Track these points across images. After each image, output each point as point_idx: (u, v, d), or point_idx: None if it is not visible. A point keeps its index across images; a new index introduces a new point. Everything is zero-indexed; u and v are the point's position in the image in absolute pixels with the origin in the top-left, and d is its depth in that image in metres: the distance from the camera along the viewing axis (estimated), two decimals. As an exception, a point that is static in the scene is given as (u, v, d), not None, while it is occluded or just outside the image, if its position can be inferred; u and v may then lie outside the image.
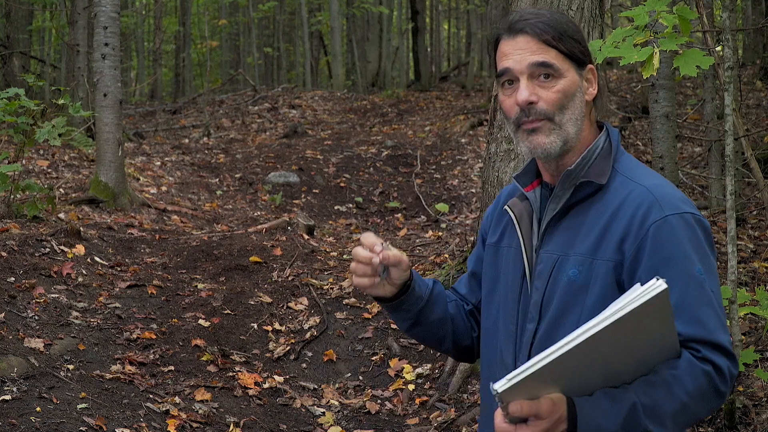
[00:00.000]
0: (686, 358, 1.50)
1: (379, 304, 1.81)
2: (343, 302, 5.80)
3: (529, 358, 1.65)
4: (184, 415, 4.25)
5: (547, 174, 1.75)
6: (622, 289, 1.59)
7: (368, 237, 1.71)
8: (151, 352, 4.94)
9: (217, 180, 10.52)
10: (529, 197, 1.76)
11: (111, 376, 4.48)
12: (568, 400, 1.44)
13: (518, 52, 1.67)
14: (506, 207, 1.79)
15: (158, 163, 10.89)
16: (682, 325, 1.52)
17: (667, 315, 1.44)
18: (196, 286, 6.00)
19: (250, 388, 4.75)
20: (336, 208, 9.73)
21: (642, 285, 1.41)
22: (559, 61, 1.66)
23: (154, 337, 5.11)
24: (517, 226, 1.74)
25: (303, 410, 4.68)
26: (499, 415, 1.45)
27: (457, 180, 10.59)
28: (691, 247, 1.58)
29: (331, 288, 6.01)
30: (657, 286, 1.39)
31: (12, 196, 6.91)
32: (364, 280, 1.72)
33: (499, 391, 1.38)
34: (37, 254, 5.79)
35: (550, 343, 1.56)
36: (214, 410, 4.42)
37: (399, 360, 5.16)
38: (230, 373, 4.86)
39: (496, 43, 1.73)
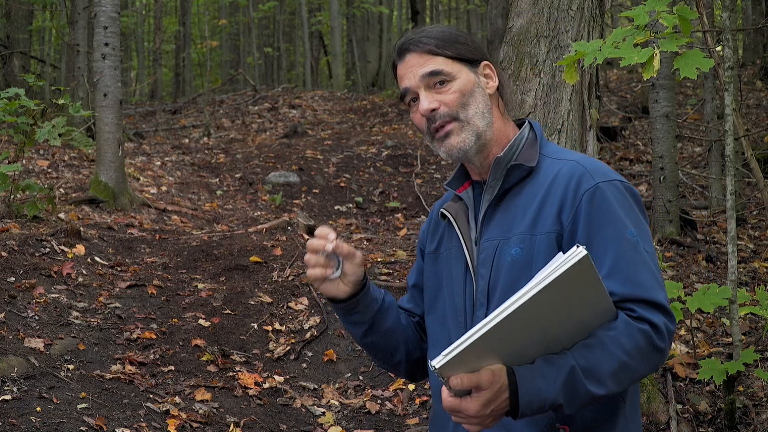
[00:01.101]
0: (622, 318, 1.55)
1: (334, 308, 1.83)
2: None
3: None
4: (184, 415, 4.25)
5: (474, 173, 1.83)
6: None
7: (322, 229, 1.74)
8: (151, 352, 4.94)
9: (217, 180, 10.52)
10: (463, 197, 1.83)
11: (111, 376, 4.48)
12: (508, 369, 1.48)
13: (410, 70, 1.77)
14: (442, 210, 1.85)
15: (158, 163, 10.89)
16: (618, 286, 1.57)
17: (594, 279, 1.48)
18: (196, 286, 6.00)
19: (250, 388, 4.75)
20: (336, 208, 9.74)
21: (564, 253, 1.45)
22: (448, 66, 1.76)
23: (154, 337, 5.11)
24: (454, 223, 1.80)
25: (303, 410, 4.68)
26: (445, 390, 1.49)
27: (457, 180, 10.58)
28: (623, 211, 1.65)
29: (331, 288, 6.00)
30: (577, 253, 1.43)
31: (12, 196, 6.91)
32: (317, 271, 1.73)
33: (437, 366, 1.42)
34: (37, 254, 5.79)
35: None
36: (214, 410, 4.42)
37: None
38: (230, 373, 4.86)
39: (394, 71, 1.84)
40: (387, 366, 1.94)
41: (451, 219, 1.81)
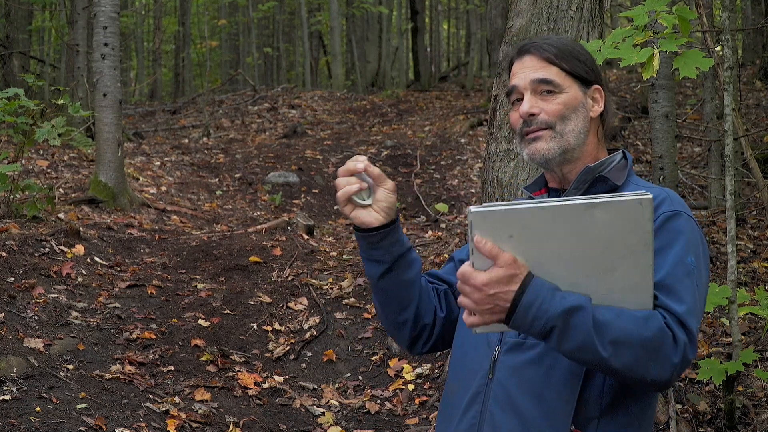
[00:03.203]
0: (656, 313, 1.54)
1: (360, 238, 1.80)
2: (343, 302, 5.80)
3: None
4: (183, 415, 4.25)
5: (554, 181, 1.86)
6: None
7: (354, 157, 1.76)
8: (151, 352, 4.94)
9: (217, 180, 10.52)
10: None
11: (111, 376, 4.48)
12: (528, 272, 1.50)
13: (523, 71, 1.82)
14: None
15: (158, 163, 10.89)
16: (662, 294, 1.58)
17: (646, 235, 1.46)
18: (196, 286, 6.00)
19: (250, 388, 4.75)
20: (336, 208, 9.73)
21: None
22: (560, 78, 1.80)
23: (153, 337, 5.11)
24: None
25: (303, 410, 4.68)
26: (467, 263, 1.51)
27: (456, 180, 10.59)
28: (690, 243, 1.66)
29: (331, 288, 6.01)
30: (642, 194, 1.43)
31: (12, 196, 6.91)
32: (348, 187, 1.73)
33: (473, 211, 1.43)
34: (36, 254, 5.79)
35: None
36: (214, 410, 4.42)
37: (399, 360, 5.16)
38: (230, 373, 4.86)
39: (509, 67, 1.88)
40: (390, 324, 1.90)
41: None
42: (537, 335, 1.52)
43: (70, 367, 4.47)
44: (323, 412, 4.66)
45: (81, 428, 3.85)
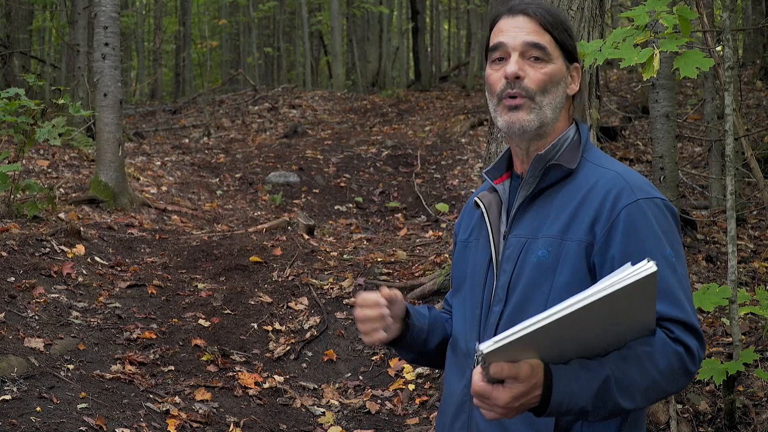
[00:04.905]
0: (661, 337, 1.54)
1: (387, 347, 1.88)
2: (343, 302, 5.80)
3: None
4: (184, 415, 4.25)
5: (518, 163, 1.80)
6: (591, 270, 1.63)
7: (364, 296, 1.75)
8: (151, 352, 4.94)
9: (217, 180, 10.52)
10: (498, 189, 1.81)
11: (111, 376, 4.48)
12: (545, 367, 1.47)
13: (515, 30, 1.73)
14: (476, 199, 1.84)
15: (158, 163, 10.89)
16: (660, 305, 1.56)
17: (652, 296, 1.47)
18: (196, 285, 6.00)
19: (250, 388, 4.76)
20: (336, 208, 9.74)
21: (632, 265, 1.44)
22: (551, 47, 1.73)
23: (154, 337, 5.11)
24: (485, 214, 1.78)
25: (303, 410, 4.68)
26: (477, 374, 1.47)
27: (457, 180, 10.59)
28: (661, 230, 1.63)
29: (331, 288, 6.01)
30: (648, 267, 1.41)
31: (12, 196, 6.91)
32: (380, 334, 1.75)
33: (485, 352, 1.40)
34: (37, 254, 5.79)
35: (516, 323, 1.57)
36: (214, 410, 4.42)
37: (399, 360, 5.16)
38: (230, 373, 4.86)
39: (493, 23, 1.79)
40: (434, 366, 1.99)
41: (483, 210, 1.79)
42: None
43: (71, 366, 4.47)
44: (323, 412, 4.66)
45: (81, 428, 3.85)
